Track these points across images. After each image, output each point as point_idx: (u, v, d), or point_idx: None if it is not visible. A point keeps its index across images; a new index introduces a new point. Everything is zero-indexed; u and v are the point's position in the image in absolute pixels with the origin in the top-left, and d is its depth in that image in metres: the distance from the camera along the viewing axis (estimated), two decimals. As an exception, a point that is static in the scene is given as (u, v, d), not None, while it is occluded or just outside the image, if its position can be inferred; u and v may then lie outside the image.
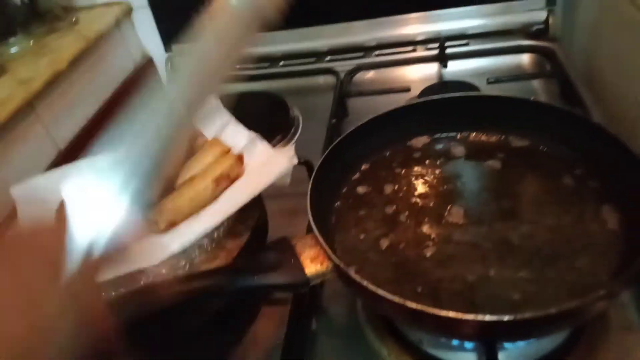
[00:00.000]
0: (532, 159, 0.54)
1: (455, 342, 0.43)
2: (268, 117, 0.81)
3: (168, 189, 0.47)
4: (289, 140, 0.77)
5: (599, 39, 0.75)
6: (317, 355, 0.47)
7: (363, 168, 0.58)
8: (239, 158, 0.50)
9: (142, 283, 0.40)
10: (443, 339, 0.44)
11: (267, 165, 0.49)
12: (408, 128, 0.59)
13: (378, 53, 0.91)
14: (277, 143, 0.76)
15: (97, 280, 0.29)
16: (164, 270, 0.42)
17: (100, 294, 0.30)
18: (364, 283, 0.38)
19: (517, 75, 0.77)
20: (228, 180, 0.48)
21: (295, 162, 0.50)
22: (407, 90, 0.76)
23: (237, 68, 0.34)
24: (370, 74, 0.88)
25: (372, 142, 0.58)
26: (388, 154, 0.59)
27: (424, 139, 0.59)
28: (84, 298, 0.28)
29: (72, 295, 0.27)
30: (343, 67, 0.87)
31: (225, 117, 0.58)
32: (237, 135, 0.54)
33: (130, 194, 0.29)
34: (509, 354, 0.43)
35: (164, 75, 0.97)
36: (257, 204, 0.50)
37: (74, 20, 0.88)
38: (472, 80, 0.77)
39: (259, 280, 0.38)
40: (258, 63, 0.95)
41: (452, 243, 0.47)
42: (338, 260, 0.41)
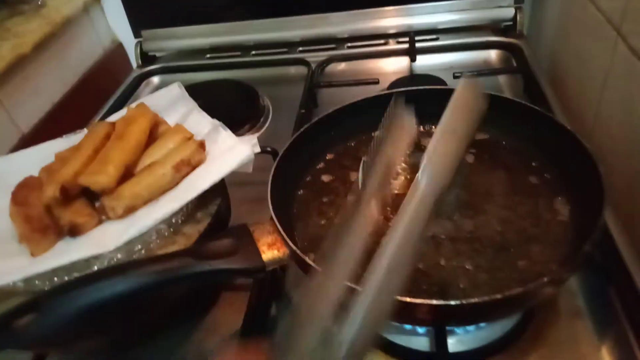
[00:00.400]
0: (492, 153, 0.56)
1: (408, 326, 0.45)
2: (238, 105, 0.81)
3: (127, 175, 0.47)
4: (259, 129, 0.77)
5: (564, 37, 0.77)
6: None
7: (328, 157, 0.59)
8: (201, 145, 0.49)
9: (95, 268, 0.40)
10: (397, 324, 0.45)
11: (229, 153, 0.49)
12: (373, 119, 0.59)
13: (350, 45, 0.91)
14: (246, 132, 0.76)
15: None
16: (120, 255, 0.41)
17: None
18: (319, 268, 0.39)
19: (482, 70, 0.78)
20: (189, 167, 0.48)
21: (258, 150, 0.50)
22: (376, 83, 0.77)
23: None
24: (342, 66, 0.89)
25: (337, 132, 0.59)
26: (353, 144, 0.60)
27: (389, 131, 0.60)
28: None
29: None
30: (315, 58, 0.87)
31: (189, 104, 0.57)
32: (200, 123, 0.54)
33: None
34: (461, 339, 0.44)
35: (134, 61, 0.96)
36: (219, 191, 0.50)
37: (40, 4, 0.85)
38: (440, 75, 0.78)
39: (215, 265, 0.38)
40: (230, 52, 0.94)
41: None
42: (294, 247, 0.41)
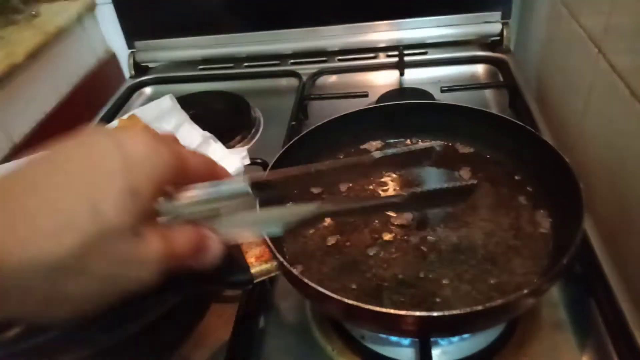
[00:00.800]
0: (476, 166, 0.57)
1: (394, 338, 0.45)
2: (230, 116, 0.82)
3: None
4: (250, 140, 0.78)
5: (549, 53, 0.79)
6: (264, 353, 0.48)
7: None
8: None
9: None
10: (382, 335, 0.45)
11: (218, 165, 0.50)
12: (362, 132, 0.61)
13: (340, 58, 0.93)
14: (237, 143, 0.77)
15: None
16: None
17: None
18: (305, 280, 0.40)
19: (469, 85, 0.80)
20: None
21: (247, 162, 0.51)
22: (365, 96, 0.78)
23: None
24: (333, 78, 0.90)
25: (326, 144, 0.60)
26: (342, 156, 0.61)
27: (377, 144, 0.61)
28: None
29: None
30: (306, 70, 0.89)
31: (181, 116, 0.58)
32: (191, 135, 0.55)
33: None
34: (444, 350, 0.45)
35: (127, 72, 0.97)
36: (208, 203, 0.50)
37: (34, 13, 0.86)
38: (428, 88, 0.79)
39: (203, 277, 0.39)
40: (222, 63, 0.96)
41: (395, 244, 0.49)
42: (282, 258, 0.42)
